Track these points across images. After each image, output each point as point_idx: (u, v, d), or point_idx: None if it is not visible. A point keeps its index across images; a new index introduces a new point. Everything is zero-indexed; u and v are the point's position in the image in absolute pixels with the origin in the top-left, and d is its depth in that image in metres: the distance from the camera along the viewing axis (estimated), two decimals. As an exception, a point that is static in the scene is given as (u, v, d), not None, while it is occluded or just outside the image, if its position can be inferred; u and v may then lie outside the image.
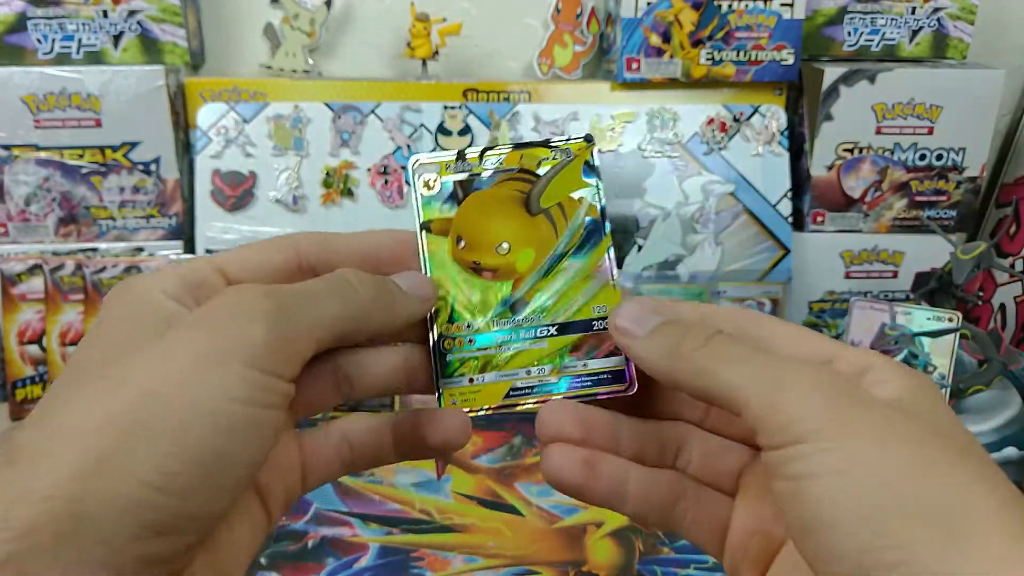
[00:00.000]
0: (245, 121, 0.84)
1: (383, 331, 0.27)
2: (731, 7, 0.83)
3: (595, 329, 0.31)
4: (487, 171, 0.32)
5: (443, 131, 0.86)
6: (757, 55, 0.84)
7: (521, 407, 0.30)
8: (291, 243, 0.28)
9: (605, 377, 0.30)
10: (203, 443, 0.21)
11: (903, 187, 0.88)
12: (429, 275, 0.31)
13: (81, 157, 0.81)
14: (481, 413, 0.30)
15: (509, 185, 0.31)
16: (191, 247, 0.84)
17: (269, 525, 0.28)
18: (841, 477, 0.21)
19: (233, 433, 0.22)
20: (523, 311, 0.31)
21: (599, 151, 0.33)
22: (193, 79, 0.85)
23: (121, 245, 0.82)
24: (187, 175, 0.84)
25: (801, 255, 0.88)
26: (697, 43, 0.84)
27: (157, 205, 0.83)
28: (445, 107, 0.86)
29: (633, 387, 0.30)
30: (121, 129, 0.81)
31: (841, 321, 0.89)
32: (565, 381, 0.30)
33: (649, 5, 0.82)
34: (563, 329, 0.31)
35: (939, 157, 0.87)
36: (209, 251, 0.80)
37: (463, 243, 0.31)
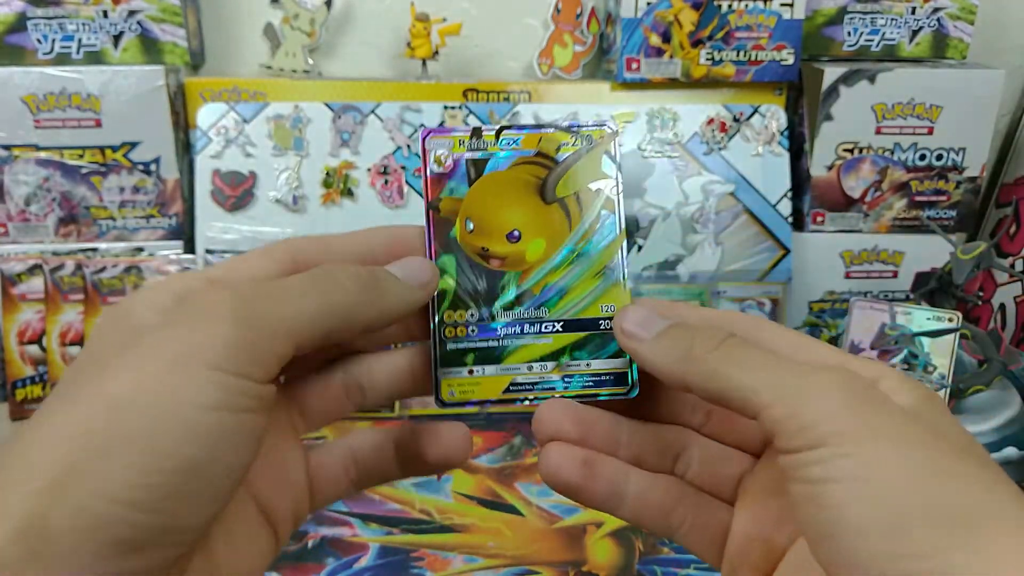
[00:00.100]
0: (245, 121, 0.84)
1: (377, 324, 0.26)
2: (731, 7, 0.83)
3: (601, 328, 0.30)
4: (503, 152, 0.30)
5: (443, 131, 0.85)
6: (757, 55, 0.84)
7: (520, 403, 0.30)
8: (288, 249, 0.27)
9: (608, 379, 0.30)
10: (173, 453, 0.20)
11: (903, 187, 0.88)
12: (433, 258, 0.29)
13: (81, 157, 0.81)
14: (478, 406, 0.30)
15: (525, 169, 0.30)
16: (191, 247, 0.84)
17: (277, 545, 0.28)
18: (862, 482, 0.21)
19: (204, 440, 0.21)
20: (529, 304, 0.30)
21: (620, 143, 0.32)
22: (193, 79, 0.85)
23: (121, 245, 0.82)
24: (187, 175, 0.84)
25: (801, 255, 0.88)
26: (697, 43, 0.84)
27: (157, 205, 0.83)
28: (445, 107, 0.86)
29: (635, 390, 0.30)
30: (121, 129, 0.81)
31: (841, 321, 0.89)
32: (567, 380, 0.30)
33: (649, 5, 0.82)
34: (568, 326, 0.30)
35: (939, 157, 0.87)
36: (209, 251, 0.80)
37: (472, 227, 0.30)
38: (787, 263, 0.87)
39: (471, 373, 0.29)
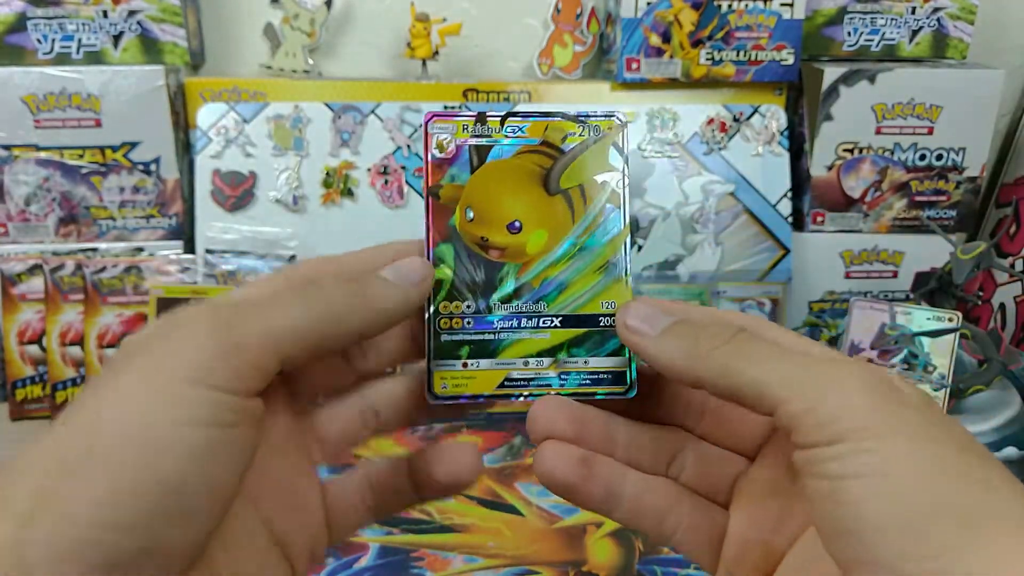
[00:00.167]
0: (245, 121, 0.84)
1: (370, 328, 0.26)
2: (731, 7, 0.83)
3: (601, 325, 0.29)
4: (507, 139, 0.29)
5: (443, 131, 0.86)
6: (757, 55, 0.84)
7: (515, 399, 0.29)
8: (298, 271, 0.27)
9: (605, 377, 0.29)
10: (148, 471, 0.20)
11: (903, 187, 0.88)
12: (431, 246, 0.29)
13: (81, 157, 0.81)
14: (471, 401, 0.29)
15: (529, 158, 0.29)
16: (191, 247, 0.84)
17: None
18: (884, 479, 0.20)
19: (182, 457, 0.20)
20: (528, 297, 0.29)
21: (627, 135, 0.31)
22: (193, 79, 0.85)
23: (121, 245, 0.82)
24: (187, 175, 0.84)
25: (801, 255, 0.88)
26: (697, 43, 0.84)
27: (157, 205, 0.83)
28: (445, 107, 0.86)
29: (633, 391, 0.29)
30: (121, 129, 0.81)
31: (841, 321, 0.88)
32: (563, 377, 0.29)
33: (649, 5, 0.82)
34: (567, 322, 0.29)
35: (939, 157, 0.87)
36: (209, 251, 0.80)
37: (472, 215, 0.29)
38: (787, 263, 0.87)
39: (465, 366, 0.29)
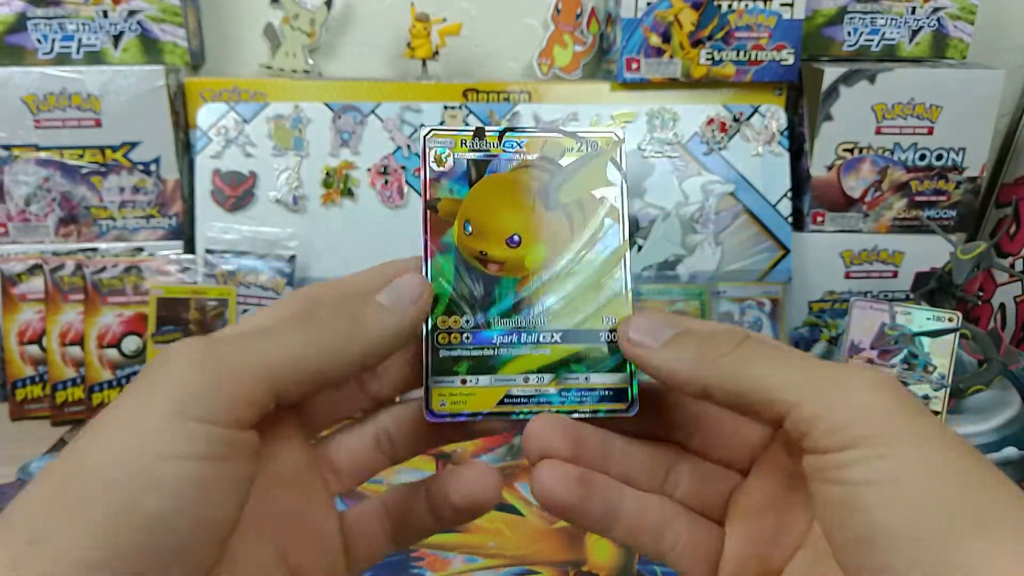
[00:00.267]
0: (245, 121, 0.84)
1: (369, 360, 0.25)
2: (731, 7, 0.83)
3: (602, 341, 0.29)
4: (505, 154, 0.29)
5: (443, 131, 0.86)
6: (757, 55, 0.84)
7: (515, 416, 0.28)
8: (301, 298, 0.27)
9: (607, 394, 0.28)
10: (134, 507, 0.20)
11: (903, 187, 0.88)
12: (429, 258, 0.28)
13: (81, 157, 0.81)
14: (470, 419, 0.28)
15: (528, 173, 0.29)
16: (191, 247, 0.84)
17: None
18: (897, 485, 0.20)
19: (168, 492, 0.20)
20: (527, 312, 0.28)
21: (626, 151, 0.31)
22: (193, 79, 0.85)
23: (121, 245, 0.82)
24: (187, 175, 0.84)
25: (801, 255, 0.88)
26: (697, 43, 0.84)
27: (157, 205, 0.83)
28: (445, 107, 0.86)
29: (635, 408, 0.28)
30: (121, 129, 0.81)
31: (841, 321, 0.88)
32: (564, 394, 0.28)
33: (649, 5, 0.82)
34: (568, 337, 0.28)
35: (939, 157, 0.87)
36: (209, 251, 0.80)
37: (471, 229, 0.28)
38: (787, 263, 0.87)
39: (464, 383, 0.28)
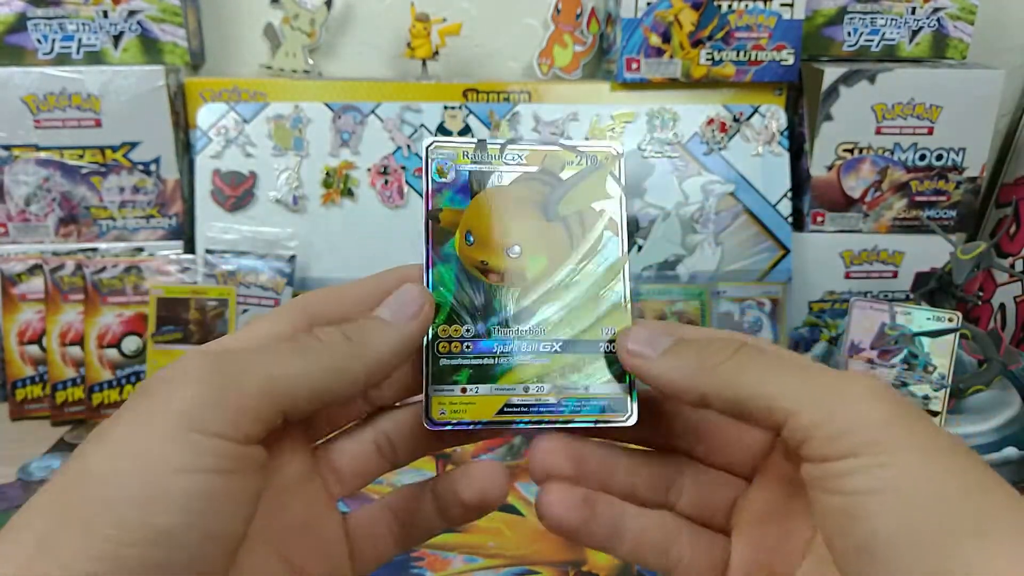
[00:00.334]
0: (245, 121, 0.84)
1: (372, 378, 0.25)
2: (731, 7, 0.83)
3: (601, 351, 0.29)
4: (506, 166, 0.30)
5: (443, 131, 0.86)
6: (757, 55, 0.84)
7: (515, 426, 0.28)
8: (301, 306, 0.27)
9: (606, 404, 0.29)
10: (145, 521, 0.20)
11: (903, 187, 0.88)
12: (430, 267, 0.28)
13: (81, 157, 0.81)
14: (470, 428, 0.28)
15: (528, 185, 0.30)
16: (191, 247, 0.84)
17: None
18: (898, 494, 0.20)
19: (175, 505, 0.20)
20: (527, 322, 0.29)
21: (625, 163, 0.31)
22: (193, 79, 0.85)
23: (121, 245, 0.82)
24: (187, 175, 0.84)
25: (801, 255, 0.88)
26: (697, 43, 0.84)
27: (157, 205, 0.83)
28: (445, 107, 0.86)
29: (633, 418, 0.29)
30: (121, 129, 0.81)
31: (841, 321, 0.88)
32: (563, 403, 0.29)
33: (649, 5, 0.82)
34: (567, 347, 0.29)
35: (939, 157, 0.87)
36: (209, 251, 0.80)
37: (472, 239, 0.29)
38: (787, 263, 0.87)
39: (464, 391, 0.28)
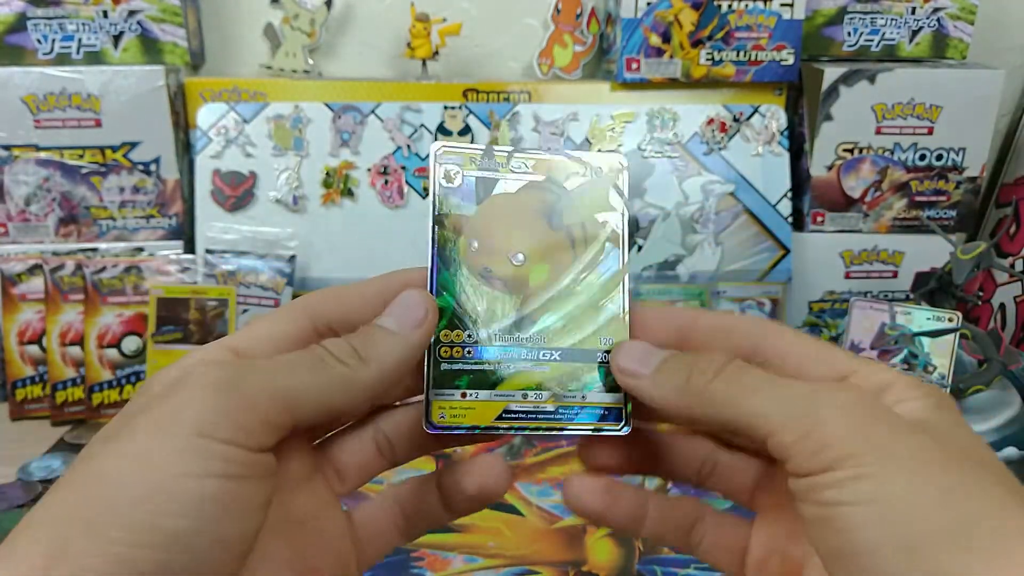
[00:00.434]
0: (245, 121, 0.84)
1: (378, 386, 0.26)
2: (731, 7, 0.83)
3: (599, 361, 0.29)
4: (513, 174, 0.30)
5: (443, 131, 0.86)
6: (757, 55, 0.84)
7: (513, 432, 0.29)
8: (303, 307, 0.27)
9: (603, 413, 0.29)
10: (154, 525, 0.20)
11: (903, 187, 0.88)
12: (435, 272, 0.29)
13: (81, 157, 0.81)
14: (469, 432, 0.29)
15: (534, 194, 0.30)
16: (191, 247, 0.84)
17: None
18: (877, 505, 0.21)
19: (187, 510, 0.20)
20: (528, 330, 0.29)
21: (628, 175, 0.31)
22: (193, 79, 0.85)
23: (121, 245, 0.82)
24: (187, 175, 0.84)
25: (801, 255, 0.88)
26: (697, 43, 0.84)
27: (157, 205, 0.83)
28: (445, 107, 0.86)
29: (628, 427, 0.29)
30: (121, 129, 0.81)
31: (841, 321, 0.89)
32: (561, 411, 0.29)
33: (649, 5, 0.82)
34: (566, 356, 0.29)
35: (939, 157, 0.87)
36: (209, 251, 0.80)
37: (476, 246, 0.29)
38: (787, 263, 0.87)
39: (464, 396, 0.29)
